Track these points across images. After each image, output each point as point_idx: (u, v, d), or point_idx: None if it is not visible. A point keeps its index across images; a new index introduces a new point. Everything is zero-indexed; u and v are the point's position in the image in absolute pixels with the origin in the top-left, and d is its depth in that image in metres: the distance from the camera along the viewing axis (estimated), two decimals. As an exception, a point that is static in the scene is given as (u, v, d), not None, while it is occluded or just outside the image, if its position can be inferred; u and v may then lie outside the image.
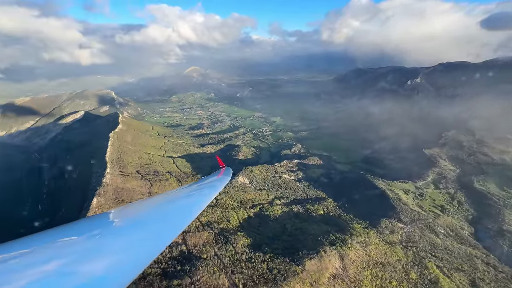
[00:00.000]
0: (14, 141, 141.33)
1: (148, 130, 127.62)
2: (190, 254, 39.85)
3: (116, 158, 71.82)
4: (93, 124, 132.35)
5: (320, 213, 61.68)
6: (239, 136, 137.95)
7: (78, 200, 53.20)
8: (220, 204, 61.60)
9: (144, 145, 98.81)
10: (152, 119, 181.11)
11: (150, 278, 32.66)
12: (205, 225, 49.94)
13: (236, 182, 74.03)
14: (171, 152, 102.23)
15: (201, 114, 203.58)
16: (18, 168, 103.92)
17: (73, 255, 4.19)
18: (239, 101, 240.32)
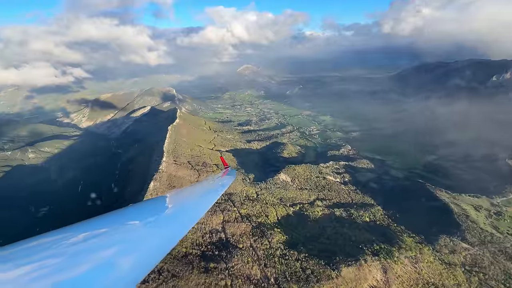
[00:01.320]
0: (98, 130, 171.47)
1: (201, 124, 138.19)
2: (227, 242, 42.50)
3: (172, 149, 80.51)
4: (156, 118, 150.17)
5: (365, 220, 57.49)
6: (285, 134, 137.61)
7: (140, 183, 62.06)
8: (260, 199, 63.24)
9: (196, 139, 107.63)
10: (205, 115, 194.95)
11: (190, 258, 36.28)
12: (244, 217, 52.21)
13: (277, 179, 74.64)
14: (220, 146, 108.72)
15: (250, 111, 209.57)
16: (100, 153, 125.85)
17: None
18: (288, 99, 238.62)
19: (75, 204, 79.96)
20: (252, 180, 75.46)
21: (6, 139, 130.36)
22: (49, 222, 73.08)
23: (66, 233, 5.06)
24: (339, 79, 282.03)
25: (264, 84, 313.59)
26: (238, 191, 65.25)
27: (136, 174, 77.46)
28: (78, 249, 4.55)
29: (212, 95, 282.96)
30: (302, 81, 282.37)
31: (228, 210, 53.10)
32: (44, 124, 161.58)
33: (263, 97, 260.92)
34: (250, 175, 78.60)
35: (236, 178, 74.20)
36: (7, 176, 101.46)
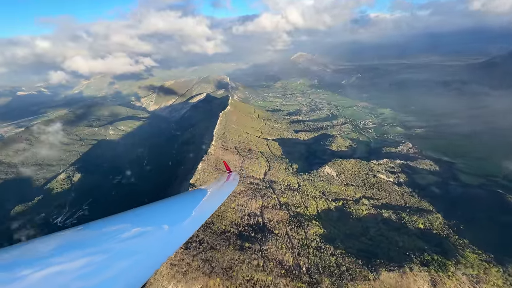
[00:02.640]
0: (162, 113, 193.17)
1: (251, 112, 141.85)
2: (264, 226, 44.12)
3: (221, 134, 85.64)
4: (211, 104, 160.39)
5: (419, 227, 51.54)
6: (336, 126, 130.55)
7: (192, 163, 68.67)
8: (302, 190, 62.74)
9: (245, 126, 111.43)
10: (256, 103, 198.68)
11: (228, 235, 39.20)
12: (283, 205, 52.92)
13: (322, 172, 72.38)
14: (266, 134, 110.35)
15: (301, 100, 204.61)
16: (162, 134, 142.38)
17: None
18: (343, 88, 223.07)
19: (140, 176, 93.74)
20: (295, 171, 74.98)
21: (94, 117, 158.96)
22: (121, 189, 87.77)
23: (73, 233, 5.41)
24: (406, 67, 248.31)
25: (318, 72, 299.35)
26: (279, 179, 66.05)
27: (191, 154, 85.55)
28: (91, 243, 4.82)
29: (264, 83, 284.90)
30: (361, 70, 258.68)
31: (268, 196, 54.54)
32: (121, 106, 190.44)
33: (315, 86, 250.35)
34: (293, 165, 78.18)
35: (279, 167, 74.93)
36: (94, 148, 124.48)
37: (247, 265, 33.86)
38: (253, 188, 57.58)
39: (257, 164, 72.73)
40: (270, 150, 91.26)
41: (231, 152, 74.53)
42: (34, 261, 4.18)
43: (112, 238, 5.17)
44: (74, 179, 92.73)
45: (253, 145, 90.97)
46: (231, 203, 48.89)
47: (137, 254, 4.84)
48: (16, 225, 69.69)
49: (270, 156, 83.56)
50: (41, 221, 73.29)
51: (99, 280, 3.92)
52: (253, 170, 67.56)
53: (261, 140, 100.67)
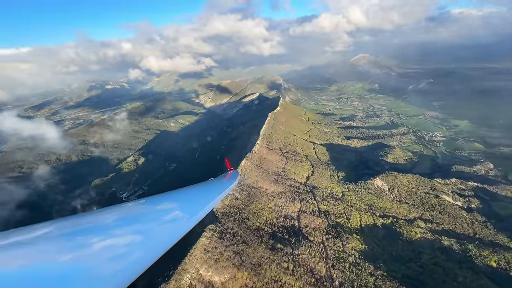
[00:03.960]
0: (216, 110, 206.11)
1: (300, 114, 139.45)
2: (299, 231, 43.08)
3: (267, 134, 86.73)
4: (262, 104, 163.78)
5: (490, 264, 42.67)
6: (395, 135, 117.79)
7: (237, 158, 71.48)
8: (346, 200, 58.91)
9: (293, 127, 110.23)
10: (307, 105, 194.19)
11: (261, 232, 39.65)
12: (322, 213, 50.63)
13: (371, 184, 66.42)
14: (314, 138, 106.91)
15: (357, 105, 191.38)
16: (215, 129, 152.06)
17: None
18: (409, 95, 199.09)
19: (191, 166, 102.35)
20: (341, 179, 70.71)
21: (159, 110, 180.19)
22: (174, 175, 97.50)
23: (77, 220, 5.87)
24: (495, 73, 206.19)
25: (380, 76, 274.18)
26: (322, 186, 63.34)
27: (236, 150, 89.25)
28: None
29: (318, 86, 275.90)
30: (433, 74, 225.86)
31: (307, 201, 52.94)
32: (182, 102, 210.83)
33: (376, 91, 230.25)
34: (340, 173, 73.84)
35: (324, 173, 71.80)
36: (157, 137, 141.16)
37: (277, 266, 33.71)
38: (293, 191, 56.71)
39: (300, 167, 71.21)
40: (316, 155, 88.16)
41: (275, 153, 74.85)
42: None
43: (118, 227, 5.54)
44: (139, 162, 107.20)
45: (298, 147, 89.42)
46: (268, 203, 49.28)
47: (138, 244, 5.14)
48: (93, 194, 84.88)
49: (315, 161, 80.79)
50: (111, 194, 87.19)
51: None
52: (295, 172, 66.47)
53: (308, 143, 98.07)
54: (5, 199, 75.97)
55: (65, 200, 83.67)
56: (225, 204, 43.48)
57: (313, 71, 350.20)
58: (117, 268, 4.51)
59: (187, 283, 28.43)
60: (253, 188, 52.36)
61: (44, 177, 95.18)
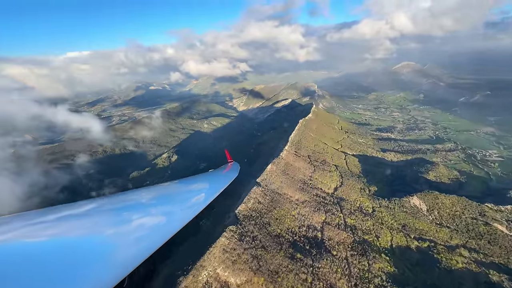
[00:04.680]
0: (248, 114, 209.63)
1: (333, 123, 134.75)
2: (321, 243, 41.23)
3: (296, 140, 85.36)
4: (294, 110, 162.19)
5: (552, 312, 35.92)
6: (440, 151, 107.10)
7: (263, 163, 71.62)
8: (376, 216, 54.95)
9: (324, 135, 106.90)
10: (342, 114, 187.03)
11: (282, 240, 38.83)
12: (349, 227, 47.84)
13: (407, 202, 61.03)
14: (347, 148, 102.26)
15: (397, 116, 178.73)
16: (245, 133, 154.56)
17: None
18: (460, 107, 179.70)
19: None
20: (372, 193, 66.26)
21: (195, 111, 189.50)
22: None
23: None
24: None
25: (426, 86, 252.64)
26: (351, 199, 60.02)
27: (264, 155, 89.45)
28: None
29: (355, 94, 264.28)
30: (491, 86, 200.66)
31: (333, 213, 50.54)
32: (216, 104, 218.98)
33: (420, 101, 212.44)
34: (372, 187, 69.28)
35: (354, 186, 68.07)
36: (191, 136, 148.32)
37: (294, 276, 32.65)
38: (318, 201, 54.68)
39: (329, 177, 68.49)
40: (347, 166, 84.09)
41: (302, 160, 73.24)
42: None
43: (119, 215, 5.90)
44: (172, 159, 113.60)
45: (328, 156, 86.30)
46: (292, 210, 48.23)
47: (138, 232, 5.42)
48: (130, 186, 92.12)
49: (345, 172, 77.08)
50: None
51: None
52: (322, 182, 64.13)
53: (339, 153, 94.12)
54: (53, 183, 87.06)
55: (105, 188, 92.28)
56: (247, 207, 43.70)
57: (350, 79, 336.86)
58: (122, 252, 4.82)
59: (204, 279, 29.04)
60: (277, 193, 51.76)
61: (91, 166, 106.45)
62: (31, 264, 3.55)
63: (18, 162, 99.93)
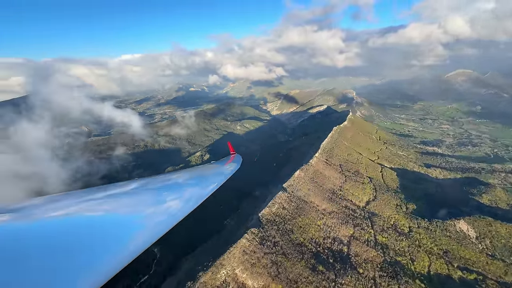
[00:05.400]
0: (281, 119, 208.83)
1: (371, 132, 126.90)
2: (347, 258, 38.77)
3: (328, 148, 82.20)
4: (329, 117, 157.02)
5: None
6: (498, 172, 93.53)
7: (292, 168, 70.37)
8: (413, 237, 49.98)
9: (359, 145, 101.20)
10: (381, 123, 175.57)
11: (304, 249, 37.48)
12: (379, 245, 44.22)
13: (451, 226, 54.37)
14: (384, 160, 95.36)
15: (446, 129, 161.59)
16: (276, 137, 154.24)
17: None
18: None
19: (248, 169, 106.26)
20: (410, 212, 60.43)
21: (229, 113, 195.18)
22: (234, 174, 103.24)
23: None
24: None
25: (485, 97, 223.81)
26: (384, 215, 55.54)
27: (293, 160, 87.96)
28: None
29: (399, 103, 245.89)
30: None
31: (362, 228, 47.23)
32: (250, 107, 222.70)
33: (476, 114, 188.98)
34: (410, 204, 63.24)
35: (389, 201, 62.93)
36: (224, 137, 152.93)
37: (314, 289, 31.24)
38: (347, 213, 51.66)
39: (361, 189, 64.38)
40: (383, 179, 78.23)
41: (333, 169, 70.14)
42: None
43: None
44: (204, 157, 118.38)
45: (362, 167, 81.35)
46: (317, 220, 46.38)
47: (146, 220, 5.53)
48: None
49: (380, 185, 71.75)
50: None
51: None
52: (353, 194, 60.52)
53: (375, 165, 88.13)
54: (95, 171, 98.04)
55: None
56: (271, 211, 43.27)
57: (393, 86, 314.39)
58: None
59: (222, 278, 29.44)
60: (302, 201, 50.29)
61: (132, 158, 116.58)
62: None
63: (71, 151, 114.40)
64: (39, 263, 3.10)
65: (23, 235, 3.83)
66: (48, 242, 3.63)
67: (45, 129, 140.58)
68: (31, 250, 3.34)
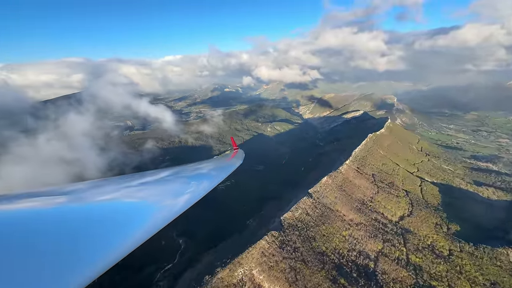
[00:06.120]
0: (313, 123, 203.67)
1: (411, 142, 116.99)
2: (373, 275, 36.09)
3: (361, 156, 77.76)
4: (364, 123, 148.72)
5: None
6: None
7: (320, 174, 68.08)
8: (453, 261, 44.70)
9: (396, 155, 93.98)
10: (425, 133, 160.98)
11: (326, 259, 35.89)
12: (411, 265, 40.32)
13: (503, 255, 47.38)
14: (425, 173, 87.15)
15: (505, 143, 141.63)
16: (307, 141, 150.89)
17: None
18: None
19: (276, 170, 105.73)
20: (453, 233, 54.12)
21: (260, 114, 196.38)
22: (257, 175, 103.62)
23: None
24: None
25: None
26: (420, 233, 50.58)
27: (322, 166, 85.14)
28: None
29: (447, 111, 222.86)
30: None
31: (393, 244, 43.55)
32: (282, 110, 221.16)
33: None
34: (452, 224, 56.68)
35: (427, 218, 57.15)
36: (254, 138, 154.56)
37: (333, 302, 29.68)
38: (377, 226, 48.14)
39: (395, 202, 59.55)
40: (422, 194, 71.46)
41: (365, 178, 66.03)
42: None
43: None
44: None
45: (398, 179, 75.33)
46: (343, 230, 44.07)
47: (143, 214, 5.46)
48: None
49: (418, 200, 65.65)
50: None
51: None
52: (385, 207, 56.24)
53: (414, 178, 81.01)
54: (129, 162, 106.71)
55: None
56: (293, 216, 42.34)
57: (441, 93, 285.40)
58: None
59: (239, 276, 29.65)
60: (328, 208, 48.21)
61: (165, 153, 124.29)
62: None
63: (113, 142, 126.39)
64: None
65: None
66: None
67: (92, 121, 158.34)
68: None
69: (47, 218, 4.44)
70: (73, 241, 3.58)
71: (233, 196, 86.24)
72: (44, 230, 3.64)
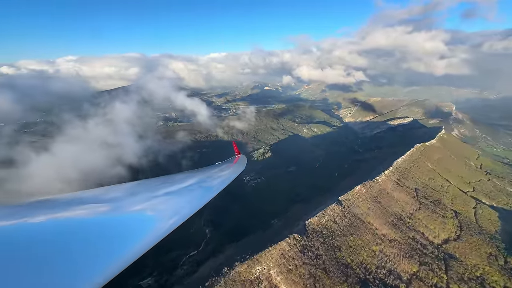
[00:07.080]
0: (354, 127, 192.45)
1: (469, 157, 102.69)
2: None
3: (404, 167, 70.97)
4: (412, 132, 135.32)
5: None
6: None
7: (354, 182, 64.12)
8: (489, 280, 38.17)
9: (448, 170, 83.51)
10: (487, 148, 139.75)
11: (350, 271, 33.78)
12: None
13: None
14: (482, 194, 75.85)
15: None
16: (345, 146, 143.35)
17: None
18: None
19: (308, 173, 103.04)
20: (511, 268, 46.12)
21: (298, 115, 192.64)
22: (288, 176, 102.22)
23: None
24: None
25: None
26: (468, 262, 44.23)
27: (358, 173, 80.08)
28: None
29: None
30: None
31: (432, 269, 38.86)
32: (321, 111, 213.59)
33: None
34: (510, 258, 48.30)
35: (478, 246, 49.69)
36: (289, 138, 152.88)
37: (352, 319, 27.86)
38: (414, 246, 43.49)
39: (439, 222, 53.01)
40: (475, 217, 62.38)
41: (405, 191, 60.07)
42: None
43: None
44: (266, 155, 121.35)
45: (447, 198, 66.88)
46: (372, 244, 40.91)
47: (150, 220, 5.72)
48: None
49: (469, 224, 57.49)
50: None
51: None
52: (426, 226, 50.44)
53: (467, 198, 71.11)
54: (164, 152, 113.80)
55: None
56: (319, 222, 40.76)
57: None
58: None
59: (256, 274, 29.81)
60: (358, 219, 45.15)
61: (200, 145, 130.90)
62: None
63: (155, 132, 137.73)
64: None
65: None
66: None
67: (139, 111, 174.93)
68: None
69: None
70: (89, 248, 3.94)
71: (261, 194, 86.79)
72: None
